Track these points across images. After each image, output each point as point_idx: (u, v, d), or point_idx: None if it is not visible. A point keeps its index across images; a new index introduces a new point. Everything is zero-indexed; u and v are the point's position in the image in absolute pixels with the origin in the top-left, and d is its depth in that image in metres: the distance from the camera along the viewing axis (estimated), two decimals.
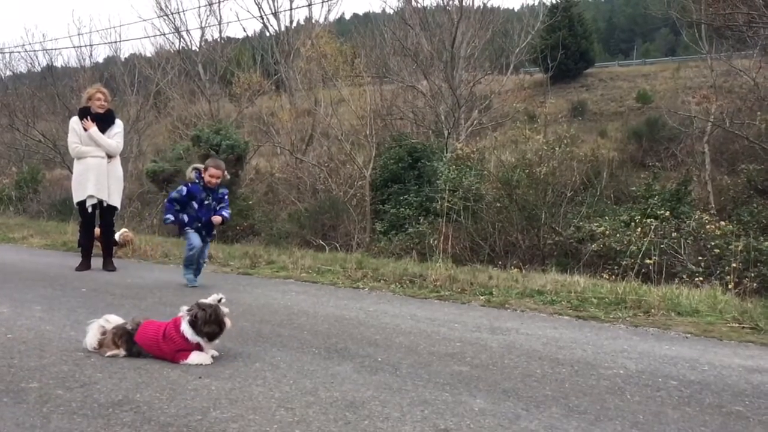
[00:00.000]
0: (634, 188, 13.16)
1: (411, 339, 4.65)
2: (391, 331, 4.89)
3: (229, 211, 6.94)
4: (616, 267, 8.84)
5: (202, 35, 30.20)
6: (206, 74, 28.19)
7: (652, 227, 9.38)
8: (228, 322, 3.92)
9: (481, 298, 6.28)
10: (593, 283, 6.85)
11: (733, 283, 7.88)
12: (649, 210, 10.87)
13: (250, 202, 16.33)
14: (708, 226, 9.19)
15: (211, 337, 3.86)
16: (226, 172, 6.81)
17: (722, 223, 9.30)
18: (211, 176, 6.62)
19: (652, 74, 28.26)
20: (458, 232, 11.02)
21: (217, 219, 6.78)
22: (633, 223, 9.73)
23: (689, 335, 4.94)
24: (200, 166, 6.74)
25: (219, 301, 3.91)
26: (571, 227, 10.64)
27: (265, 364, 3.90)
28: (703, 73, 19.80)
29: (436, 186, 11.93)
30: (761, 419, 3.13)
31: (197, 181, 6.62)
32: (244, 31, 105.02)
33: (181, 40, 30.15)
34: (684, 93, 21.14)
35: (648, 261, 8.74)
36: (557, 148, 11.34)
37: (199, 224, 6.71)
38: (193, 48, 29.09)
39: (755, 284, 7.93)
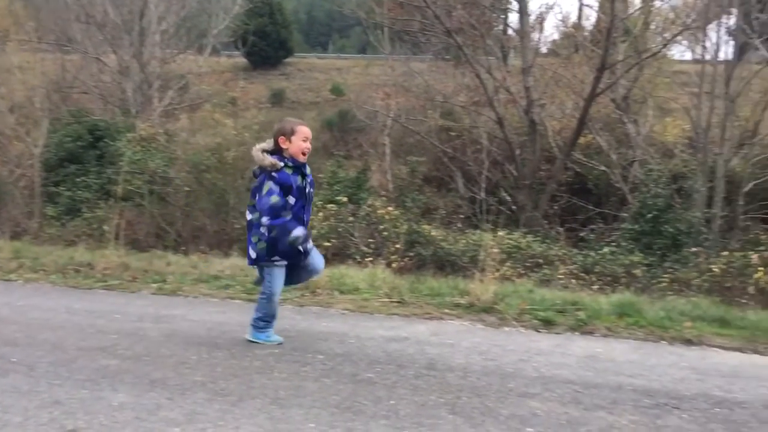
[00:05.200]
0: (321, 175, 13.94)
1: (60, 334, 4.26)
2: (37, 327, 4.42)
3: None
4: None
5: None
6: None
7: (332, 212, 10.04)
8: None
9: (153, 286, 6.04)
10: None
11: (396, 263, 8.80)
12: (332, 196, 11.58)
13: None
14: (379, 211, 10.15)
15: None
16: None
17: (390, 208, 10.39)
18: (306, 139, 4.17)
19: (345, 69, 30.06)
20: (142, 217, 10.45)
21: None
22: (315, 208, 10.28)
23: (347, 311, 5.36)
24: (267, 146, 4.19)
25: None
26: None
27: None
28: (387, 72, 21.69)
29: (120, 167, 11.15)
30: (386, 383, 3.52)
31: (282, 164, 4.08)
32: None
33: None
34: (371, 89, 22.93)
35: (327, 243, 9.32)
36: (247, 134, 11.43)
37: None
38: None
39: (412, 262, 9.01)
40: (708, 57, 13.25)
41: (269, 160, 4.06)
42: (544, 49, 19.82)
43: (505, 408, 3.19)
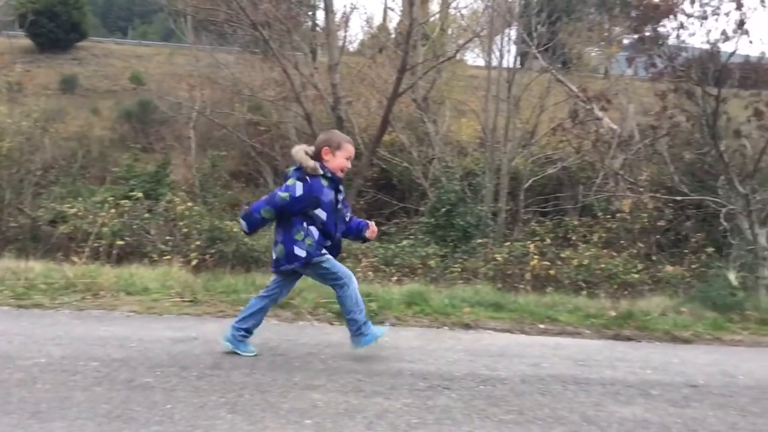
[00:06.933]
0: (116, 169, 13.05)
1: None
2: None
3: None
4: (86, 249, 8.55)
5: None
6: None
7: (126, 208, 9.45)
8: None
9: None
10: (49, 269, 6.41)
11: (196, 260, 8.50)
12: (129, 191, 10.90)
13: None
14: (179, 207, 9.73)
15: None
16: None
17: (190, 203, 10.00)
18: (349, 158, 4.02)
19: (147, 56, 28.31)
20: None
21: (373, 231, 4.22)
22: (107, 204, 9.60)
23: (132, 314, 5.03)
24: (310, 151, 4.00)
25: None
26: (41, 208, 9.86)
27: None
28: (192, 63, 20.80)
29: None
30: (165, 387, 3.35)
31: (322, 172, 3.89)
32: None
33: None
34: (175, 79, 21.88)
35: (119, 242, 8.76)
36: (25, 122, 10.34)
37: (330, 243, 4.01)
38: None
39: (213, 260, 8.77)
40: (495, 63, 14.45)
41: (312, 163, 3.91)
42: (351, 48, 20.32)
43: (287, 402, 3.20)
